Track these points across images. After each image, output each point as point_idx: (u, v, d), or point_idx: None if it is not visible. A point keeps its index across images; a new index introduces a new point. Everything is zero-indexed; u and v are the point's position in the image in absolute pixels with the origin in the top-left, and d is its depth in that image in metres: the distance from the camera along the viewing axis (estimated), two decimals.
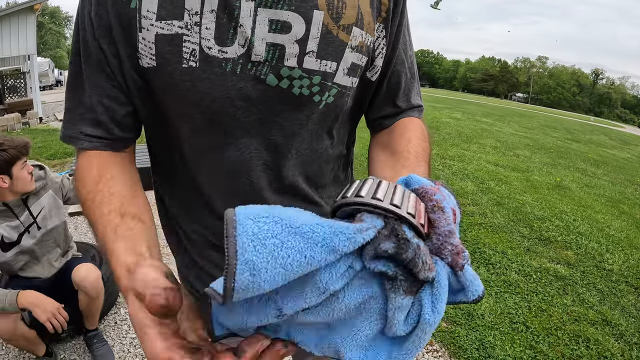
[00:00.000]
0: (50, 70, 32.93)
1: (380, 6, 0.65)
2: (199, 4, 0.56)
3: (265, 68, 0.59)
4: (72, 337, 2.27)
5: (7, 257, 1.91)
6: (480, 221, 4.31)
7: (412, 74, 0.77)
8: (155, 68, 0.60)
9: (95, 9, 0.59)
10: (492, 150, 8.81)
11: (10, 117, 10.31)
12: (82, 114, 0.64)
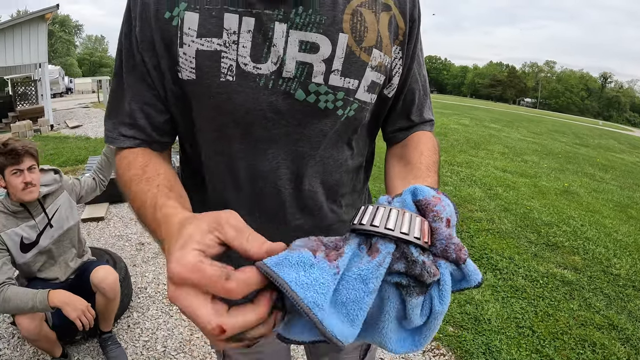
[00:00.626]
0: (60, 78, 33.41)
1: (397, 30, 0.73)
2: (237, 25, 0.64)
3: (294, 84, 0.67)
4: (86, 340, 2.35)
5: (27, 258, 2.01)
6: (488, 227, 4.34)
7: (424, 91, 0.84)
8: (194, 80, 0.67)
9: (140, 27, 0.68)
10: (500, 156, 8.82)
11: (21, 124, 10.49)
12: (123, 118, 0.73)
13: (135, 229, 4.01)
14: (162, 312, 2.64)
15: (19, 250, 1.97)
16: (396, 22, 0.72)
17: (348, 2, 0.67)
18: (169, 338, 2.40)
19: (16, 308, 1.78)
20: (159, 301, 2.77)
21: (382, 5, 0.70)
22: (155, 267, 3.24)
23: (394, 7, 0.72)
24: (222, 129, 0.71)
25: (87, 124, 12.29)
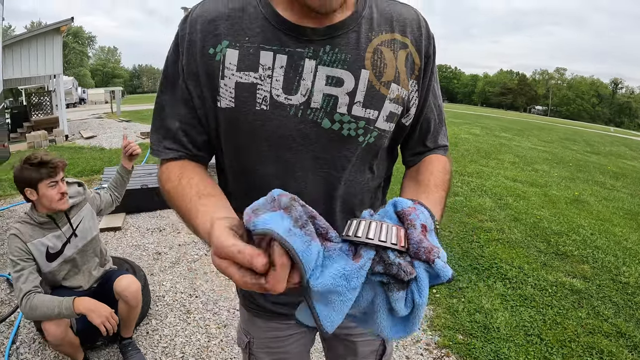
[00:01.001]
0: (73, 89, 33.98)
1: (413, 66, 0.82)
2: (271, 61, 0.75)
3: (321, 113, 0.77)
4: (106, 345, 2.45)
5: (53, 267, 2.12)
6: (498, 237, 4.38)
7: (440, 120, 0.93)
8: (233, 108, 0.78)
9: (186, 59, 0.79)
10: (511, 166, 8.84)
11: (37, 134, 10.72)
12: (166, 135, 0.85)
13: (152, 238, 4.14)
14: (179, 320, 2.74)
15: (45, 259, 2.08)
16: (412, 59, 0.82)
17: (370, 42, 0.77)
18: (187, 344, 2.50)
19: (43, 315, 1.89)
20: (176, 309, 2.87)
21: (400, 43, 0.80)
22: (172, 277, 3.34)
23: (411, 45, 0.81)
24: (255, 151, 0.81)
25: (101, 135, 12.52)
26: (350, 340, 1.07)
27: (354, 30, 0.77)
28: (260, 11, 0.77)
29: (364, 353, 1.09)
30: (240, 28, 0.77)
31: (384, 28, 0.80)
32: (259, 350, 1.09)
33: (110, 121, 17.00)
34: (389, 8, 0.82)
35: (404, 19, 0.82)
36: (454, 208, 5.35)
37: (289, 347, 1.07)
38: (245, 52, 0.76)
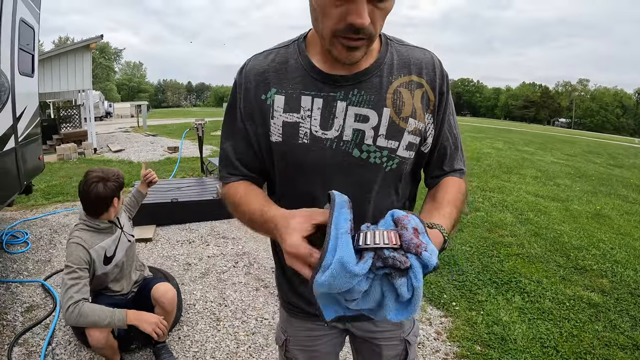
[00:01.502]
0: (100, 102, 34.89)
1: (429, 102, 0.99)
2: (310, 104, 0.95)
3: (351, 145, 0.95)
4: (140, 349, 2.64)
5: (107, 269, 2.35)
6: (518, 252, 4.45)
7: (455, 147, 1.08)
8: (281, 142, 0.98)
9: (244, 104, 1.01)
10: (533, 181, 8.85)
11: (66, 147, 11.12)
12: (227, 163, 1.08)
13: (182, 250, 4.35)
14: (210, 327, 2.91)
15: (102, 262, 2.31)
16: (428, 96, 0.98)
17: (390, 84, 0.95)
18: (217, 350, 2.67)
19: (91, 322, 2.06)
20: (207, 317, 3.05)
21: (416, 84, 0.97)
22: (203, 286, 3.53)
23: (426, 85, 0.98)
24: (298, 175, 1.00)
25: (129, 148, 12.92)
26: (375, 343, 1.21)
27: (377, 75, 0.95)
28: (300, 63, 0.97)
29: (388, 357, 1.22)
30: (285, 78, 0.97)
31: (403, 71, 0.96)
32: (293, 348, 1.25)
33: (136, 135, 17.48)
34: (407, 53, 0.99)
35: (420, 62, 0.98)
36: (474, 223, 5.43)
37: (320, 346, 1.23)
38: (289, 97, 0.96)
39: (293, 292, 1.17)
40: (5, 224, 5.10)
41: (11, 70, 3.95)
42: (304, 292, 1.14)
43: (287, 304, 1.22)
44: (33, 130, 4.72)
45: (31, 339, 2.74)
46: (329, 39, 0.84)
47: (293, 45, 1.00)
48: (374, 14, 0.79)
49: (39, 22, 5.04)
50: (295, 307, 1.19)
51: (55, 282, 3.57)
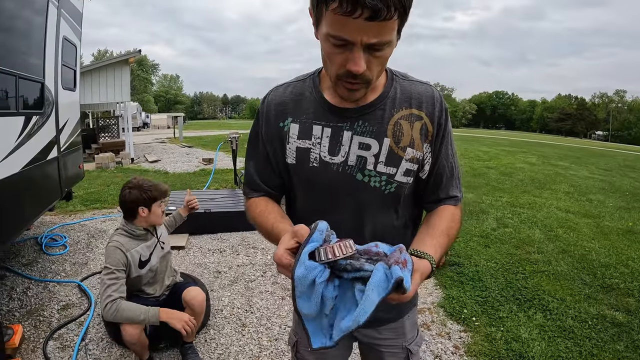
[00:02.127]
0: (138, 113, 36.03)
1: (427, 133, 1.08)
2: (320, 132, 1.08)
3: (355, 169, 1.06)
4: (168, 349, 2.80)
5: (142, 272, 2.55)
6: (544, 269, 4.40)
7: (451, 174, 1.16)
8: (295, 164, 1.12)
9: (265, 129, 1.16)
10: (565, 196, 8.68)
11: (104, 156, 11.63)
12: (250, 180, 1.23)
13: (213, 258, 4.53)
14: (235, 332, 3.05)
15: (137, 266, 2.51)
16: (426, 128, 1.08)
17: (391, 117, 1.06)
18: (240, 353, 2.79)
19: (127, 318, 2.26)
20: (233, 322, 3.18)
21: (416, 116, 1.07)
22: (231, 293, 3.68)
23: (425, 117, 1.08)
24: (309, 193, 1.14)
25: (165, 159, 13.34)
26: (378, 350, 1.31)
27: (380, 108, 1.05)
28: (314, 96, 1.10)
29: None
30: (300, 108, 1.11)
31: (404, 105, 1.07)
32: (303, 349, 1.36)
33: (172, 146, 18.02)
34: (410, 88, 1.09)
35: (421, 96, 1.08)
36: (502, 239, 5.39)
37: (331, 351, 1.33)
38: (302, 126, 1.09)
39: None
40: (45, 227, 5.43)
41: (55, 85, 4.24)
42: None
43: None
44: (74, 140, 5.02)
45: (66, 334, 2.95)
46: (334, 81, 0.96)
47: (309, 79, 1.14)
48: (370, 62, 0.89)
49: (80, 39, 5.37)
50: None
51: (91, 283, 3.79)
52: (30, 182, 3.50)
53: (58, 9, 4.25)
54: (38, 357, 2.69)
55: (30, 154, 3.46)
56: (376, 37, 0.83)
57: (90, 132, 16.06)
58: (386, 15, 0.79)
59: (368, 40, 0.83)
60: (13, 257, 4.38)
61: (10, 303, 3.39)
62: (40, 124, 3.76)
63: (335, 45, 0.87)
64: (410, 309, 1.31)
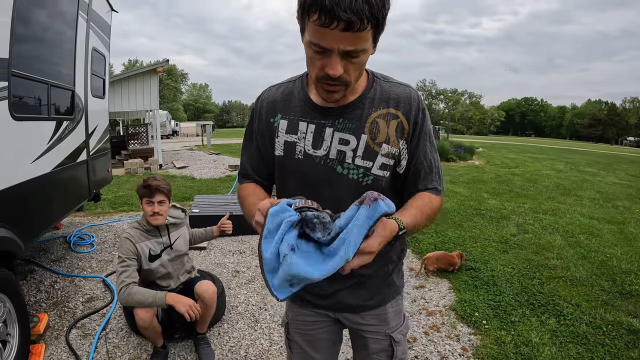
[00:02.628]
0: (167, 122, 36.84)
1: (403, 131, 1.17)
2: (305, 128, 1.19)
3: (335, 162, 1.17)
4: (182, 339, 2.96)
5: (152, 266, 2.71)
6: (562, 275, 4.36)
7: (430, 169, 1.23)
8: (282, 156, 1.24)
9: (257, 125, 1.29)
10: (589, 203, 8.52)
11: (134, 162, 12.03)
12: (242, 170, 1.37)
13: (232, 259, 4.68)
14: (248, 327, 3.17)
15: (147, 259, 2.67)
16: (402, 126, 1.17)
17: (369, 115, 1.15)
18: (251, 347, 2.92)
19: (137, 301, 2.42)
20: (246, 318, 3.31)
21: (393, 115, 1.16)
22: (247, 292, 3.82)
23: (402, 116, 1.17)
24: (294, 182, 1.24)
25: (192, 165, 13.68)
26: (362, 336, 1.39)
27: (359, 108, 1.15)
28: (301, 96, 1.21)
29: (374, 350, 1.39)
30: (289, 106, 1.22)
31: (382, 105, 1.16)
32: (293, 330, 1.46)
33: (200, 153, 18.41)
34: (389, 89, 1.19)
35: (398, 96, 1.17)
36: (521, 245, 5.36)
37: (315, 331, 1.43)
38: (290, 122, 1.21)
39: None
40: (74, 227, 5.70)
41: (85, 93, 4.49)
42: None
43: None
44: (103, 145, 5.27)
45: (88, 324, 3.16)
46: (315, 83, 1.07)
47: (298, 80, 1.26)
48: (347, 67, 0.99)
49: (109, 49, 5.64)
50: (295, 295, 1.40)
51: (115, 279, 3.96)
52: (60, 182, 3.73)
53: (87, 22, 4.51)
54: (61, 343, 2.89)
55: (61, 156, 3.68)
56: (351, 45, 0.93)
57: (120, 138, 16.61)
58: (359, 27, 0.89)
59: (344, 48, 0.93)
60: (42, 253, 4.67)
61: (38, 294, 3.64)
62: (71, 128, 3.98)
63: (316, 52, 0.97)
64: (393, 297, 1.37)
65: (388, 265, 1.33)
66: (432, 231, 5.86)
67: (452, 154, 16.46)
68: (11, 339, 2.48)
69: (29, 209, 3.05)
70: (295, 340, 1.47)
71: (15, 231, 2.62)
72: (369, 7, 0.88)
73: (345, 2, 0.86)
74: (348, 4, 0.86)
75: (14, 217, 2.72)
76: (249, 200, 1.25)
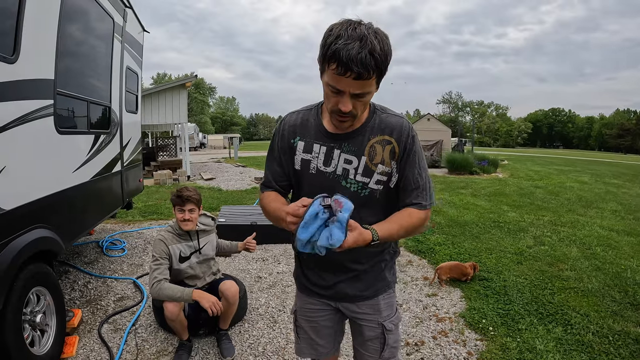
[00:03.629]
0: (195, 134, 37.42)
1: (394, 154, 1.44)
2: (318, 149, 1.46)
3: (341, 177, 1.44)
4: (206, 335, 3.23)
5: (181, 267, 3.01)
6: (574, 285, 4.41)
7: (417, 186, 1.47)
8: (300, 170, 1.51)
9: (280, 143, 1.55)
10: (610, 215, 8.49)
11: (162, 173, 12.49)
12: (265, 180, 1.62)
13: (256, 266, 4.97)
14: (267, 327, 3.41)
15: (177, 260, 2.97)
16: (394, 149, 1.43)
17: (369, 141, 1.42)
18: (269, 344, 3.16)
19: (167, 296, 2.73)
20: (266, 318, 3.56)
21: (387, 141, 1.43)
22: (268, 295, 4.08)
23: (394, 142, 1.43)
24: (308, 190, 1.47)
25: (219, 177, 14.10)
26: (358, 323, 1.64)
27: (361, 135, 1.43)
28: (316, 123, 1.50)
29: (368, 337, 1.64)
30: (306, 130, 1.51)
31: (379, 132, 1.43)
32: (300, 317, 1.73)
33: (227, 165, 18.90)
34: (386, 119, 1.45)
35: (393, 126, 1.44)
36: (536, 257, 5.42)
37: (319, 319, 1.68)
38: (306, 143, 1.49)
39: (302, 273, 1.67)
40: (105, 233, 6.12)
41: (120, 108, 4.87)
42: (309, 274, 1.63)
43: (297, 281, 1.71)
44: (136, 157, 5.65)
45: (119, 320, 3.47)
46: (329, 113, 1.35)
47: (314, 109, 1.53)
48: (356, 104, 1.28)
49: (141, 67, 6.06)
50: (301, 284, 1.68)
51: (145, 281, 4.31)
52: (97, 190, 4.08)
53: (122, 43, 4.90)
54: (93, 336, 3.20)
55: (98, 167, 4.03)
56: (359, 89, 1.24)
57: (150, 150, 17.20)
58: (367, 77, 1.19)
59: (354, 91, 1.23)
60: (76, 256, 5.04)
61: (72, 293, 3.99)
62: (107, 141, 4.34)
63: (332, 91, 1.27)
64: (385, 291, 1.63)
65: (381, 263, 1.59)
66: (448, 242, 6.02)
67: (475, 167, 16.45)
68: (49, 329, 2.81)
69: (69, 214, 3.39)
70: (302, 327, 1.72)
71: (57, 232, 2.94)
72: (375, 61, 1.17)
73: (357, 58, 1.14)
74: (359, 59, 1.14)
75: (57, 220, 3.04)
76: (272, 205, 1.48)
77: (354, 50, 1.14)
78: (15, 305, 2.38)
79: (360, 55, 1.14)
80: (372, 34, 1.17)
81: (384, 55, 1.19)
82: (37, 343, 2.65)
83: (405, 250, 5.73)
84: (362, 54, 1.14)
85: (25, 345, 2.45)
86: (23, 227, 2.55)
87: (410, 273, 4.87)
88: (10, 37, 2.43)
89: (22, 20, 2.50)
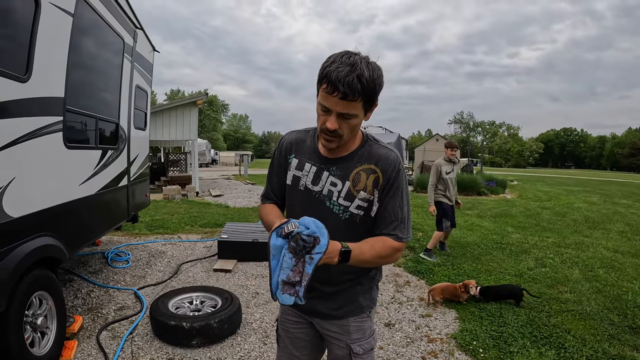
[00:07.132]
0: (207, 150, 37.64)
1: (378, 184, 1.50)
2: (309, 168, 1.56)
3: (325, 198, 1.52)
4: (199, 346, 3.22)
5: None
6: (572, 308, 4.38)
7: (395, 219, 1.50)
8: (290, 186, 1.61)
9: (278, 159, 1.68)
10: (617, 236, 8.45)
11: (172, 188, 12.63)
12: (265, 192, 1.74)
13: (254, 282, 5.04)
14: (259, 341, 3.47)
15: None
16: (378, 179, 1.51)
17: (355, 168, 1.52)
18: (259, 358, 3.22)
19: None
20: (259, 333, 3.62)
21: (372, 170, 1.51)
22: (263, 311, 4.14)
23: (379, 172, 1.51)
24: (297, 205, 1.59)
25: (227, 194, 14.27)
26: (327, 339, 1.70)
27: (350, 161, 1.52)
28: (312, 145, 1.59)
29: (337, 355, 1.67)
30: (301, 149, 1.61)
31: (366, 161, 1.51)
32: (281, 327, 1.80)
33: (237, 182, 19.12)
34: (376, 150, 1.53)
35: (380, 157, 1.51)
36: (536, 279, 5.39)
37: (295, 331, 1.75)
38: (299, 162, 1.59)
39: None
40: (111, 245, 6.28)
41: (128, 125, 5.04)
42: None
43: None
44: (143, 172, 5.80)
45: (117, 328, 3.59)
46: (319, 133, 1.45)
47: (312, 131, 1.63)
48: (341, 124, 1.36)
49: (150, 85, 6.27)
50: None
51: (145, 292, 4.43)
52: (102, 203, 4.22)
53: (131, 62, 5.10)
54: (92, 342, 3.32)
55: (105, 181, 4.18)
56: (345, 109, 1.32)
57: (160, 165, 17.45)
58: (352, 98, 1.28)
59: (340, 111, 1.32)
60: (81, 266, 5.20)
61: (75, 300, 4.12)
62: (115, 156, 4.49)
63: (322, 110, 1.36)
64: (356, 314, 1.65)
65: (356, 287, 1.64)
66: (448, 264, 6.02)
67: (483, 188, 16.42)
68: (49, 332, 2.95)
69: (74, 224, 3.52)
70: (281, 336, 1.80)
71: (62, 241, 3.08)
72: (362, 86, 1.26)
73: (345, 80, 1.25)
74: (346, 81, 1.25)
75: (62, 229, 3.18)
76: (269, 217, 1.58)
77: (343, 72, 1.25)
78: (18, 306, 2.53)
79: (348, 77, 1.25)
80: (364, 63, 1.28)
81: (372, 81, 1.29)
82: (37, 344, 2.80)
83: (404, 271, 5.77)
84: (350, 76, 1.25)
85: (26, 345, 2.60)
86: (29, 234, 2.71)
87: (407, 293, 4.89)
88: (23, 58, 2.60)
89: (35, 42, 2.68)
